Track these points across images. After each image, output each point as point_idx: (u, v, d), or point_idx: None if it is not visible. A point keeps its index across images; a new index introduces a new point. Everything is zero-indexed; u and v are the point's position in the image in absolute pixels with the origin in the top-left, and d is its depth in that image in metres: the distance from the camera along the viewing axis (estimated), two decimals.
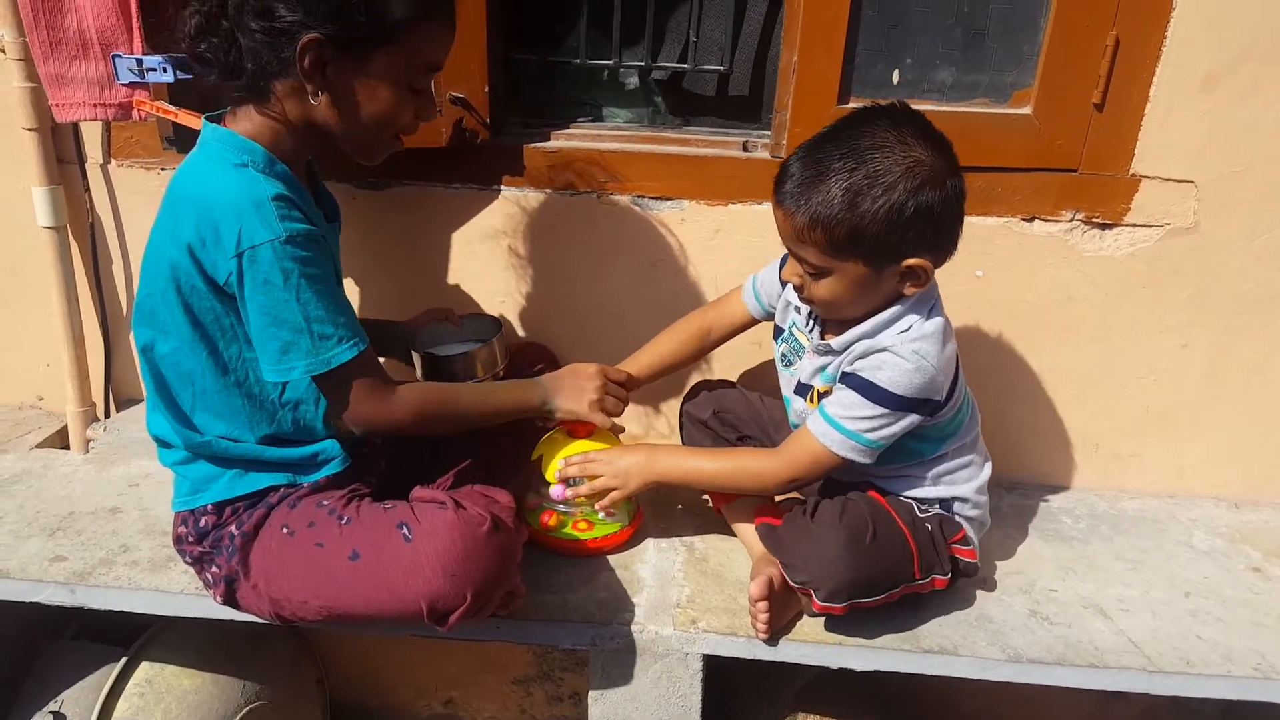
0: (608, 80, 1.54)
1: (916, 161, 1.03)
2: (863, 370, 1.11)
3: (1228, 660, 1.18)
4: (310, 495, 1.14)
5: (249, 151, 1.05)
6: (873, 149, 1.03)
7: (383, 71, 1.05)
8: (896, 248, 1.06)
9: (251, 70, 1.02)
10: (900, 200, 1.02)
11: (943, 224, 1.07)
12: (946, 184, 1.05)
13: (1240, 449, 1.55)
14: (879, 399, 1.10)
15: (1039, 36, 1.37)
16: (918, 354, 1.09)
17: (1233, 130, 1.36)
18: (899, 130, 1.05)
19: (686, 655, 1.19)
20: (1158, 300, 1.46)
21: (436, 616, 1.04)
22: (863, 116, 1.08)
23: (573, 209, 1.49)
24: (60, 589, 1.23)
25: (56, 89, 1.33)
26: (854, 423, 1.12)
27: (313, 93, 1.04)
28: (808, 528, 1.15)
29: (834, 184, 1.03)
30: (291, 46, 1.00)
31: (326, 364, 1.04)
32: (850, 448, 1.12)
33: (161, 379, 1.11)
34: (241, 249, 0.99)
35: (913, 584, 1.17)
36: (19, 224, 1.53)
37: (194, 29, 1.03)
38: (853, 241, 1.05)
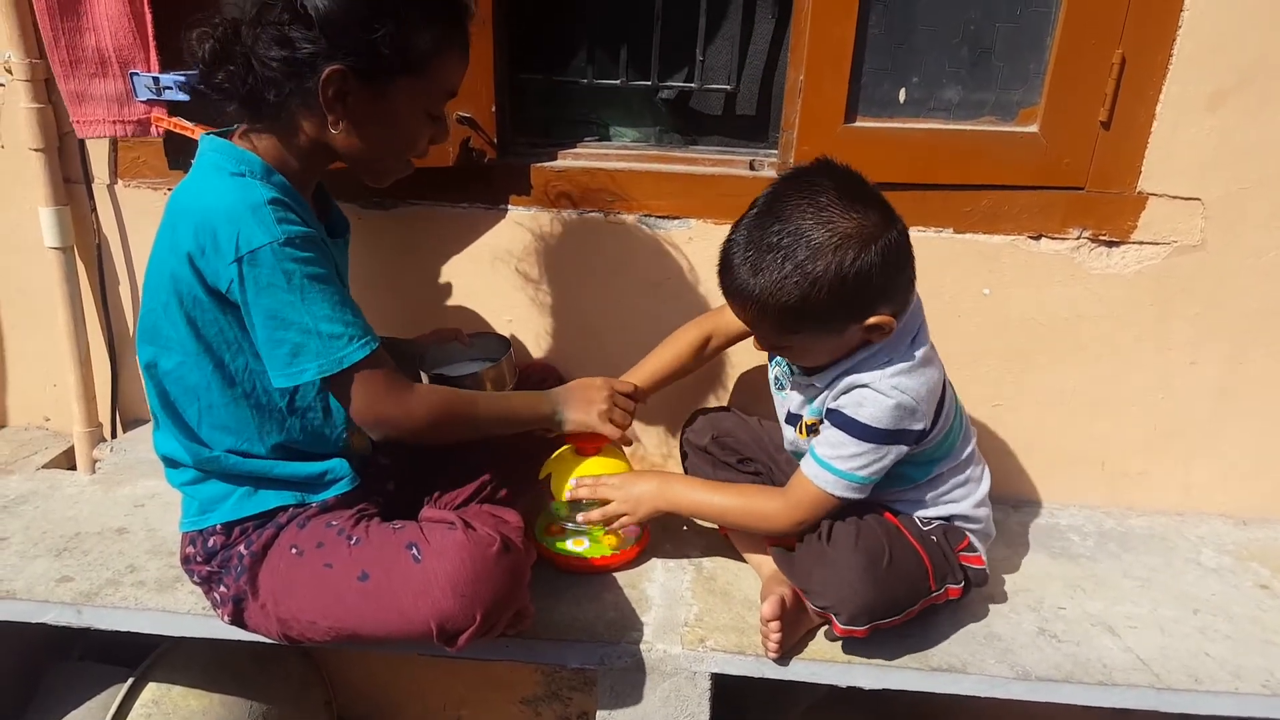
0: (614, 99, 1.54)
1: (843, 235, 1.04)
2: (845, 408, 1.13)
3: (1236, 677, 1.18)
4: (319, 515, 1.14)
5: (246, 162, 1.05)
6: (797, 235, 1.04)
7: (404, 100, 1.06)
8: (848, 312, 1.08)
9: (271, 100, 1.02)
10: (835, 276, 1.04)
11: (886, 279, 1.07)
12: (878, 242, 1.05)
13: (1248, 466, 1.55)
14: (863, 435, 1.12)
15: (1045, 55, 1.37)
16: (897, 389, 1.11)
17: (1239, 148, 1.36)
18: (818, 203, 1.05)
19: (695, 674, 1.19)
20: (1165, 318, 1.46)
21: (446, 637, 1.04)
22: (786, 190, 1.09)
23: (579, 228, 1.49)
24: (67, 609, 1.23)
25: (77, 106, 1.34)
26: (843, 462, 1.14)
27: (333, 122, 1.04)
28: (824, 553, 1.15)
29: (771, 270, 1.05)
30: (313, 77, 1.00)
31: (339, 364, 1.03)
32: (845, 487, 1.14)
33: (166, 396, 1.11)
34: (240, 253, 0.98)
35: (929, 596, 1.18)
36: (26, 245, 1.53)
37: (208, 55, 1.02)
38: (801, 320, 1.08)
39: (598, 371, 1.36)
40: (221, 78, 1.02)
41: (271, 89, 1.01)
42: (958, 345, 1.51)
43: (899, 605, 1.15)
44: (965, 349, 1.51)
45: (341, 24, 0.98)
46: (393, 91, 1.04)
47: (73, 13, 1.30)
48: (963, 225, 1.43)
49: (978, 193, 1.41)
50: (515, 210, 1.49)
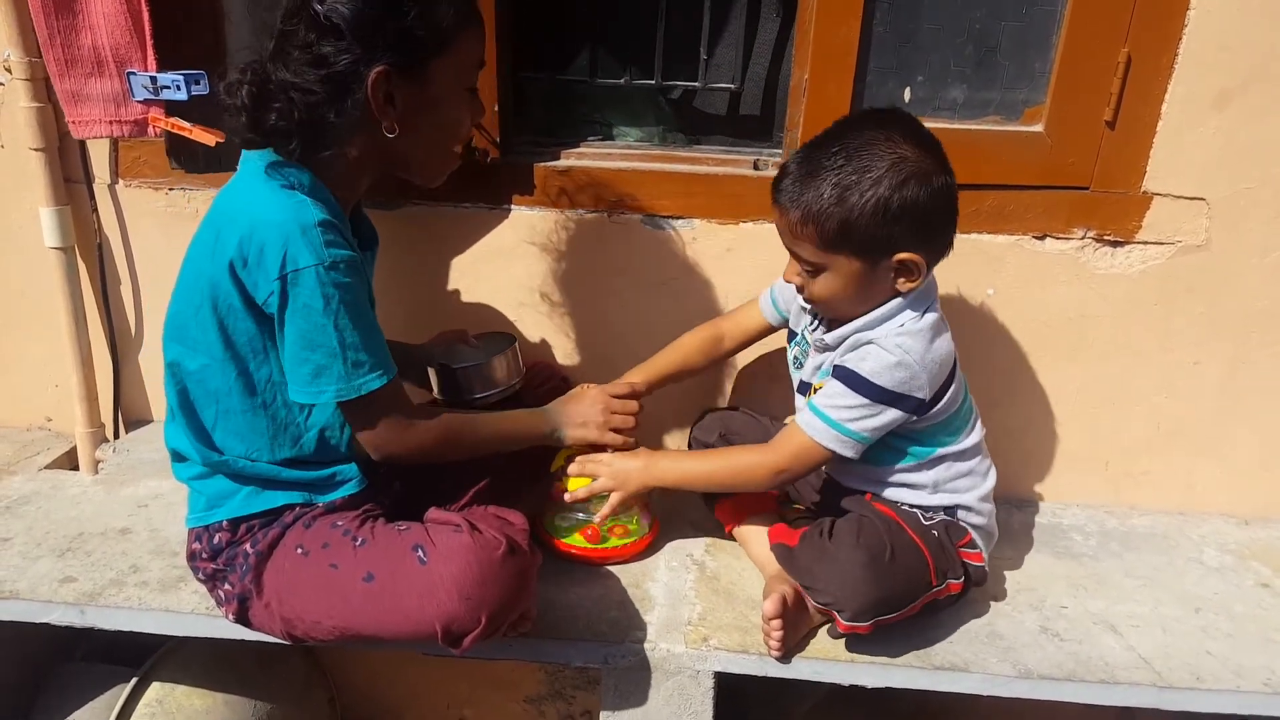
0: (618, 99, 1.53)
1: (902, 158, 1.08)
2: (848, 361, 1.15)
3: (1237, 675, 1.19)
4: (325, 515, 1.14)
5: (296, 176, 1.06)
6: (861, 147, 1.08)
7: (444, 82, 1.07)
8: (886, 242, 1.10)
9: (329, 124, 1.01)
10: (885, 194, 1.07)
11: (930, 219, 1.10)
12: (932, 180, 1.09)
13: (1251, 466, 1.55)
14: (859, 388, 1.13)
15: (1051, 54, 1.37)
16: (900, 347, 1.12)
17: (1244, 147, 1.36)
18: (887, 130, 1.10)
19: (698, 673, 1.19)
20: (1170, 317, 1.46)
21: (451, 639, 1.04)
22: (856, 120, 1.16)
23: (583, 228, 1.49)
24: (70, 610, 1.23)
25: (73, 106, 1.33)
26: (836, 412, 1.15)
27: (388, 127, 1.04)
28: (825, 549, 1.16)
29: (824, 181, 1.08)
30: (360, 87, 0.99)
31: (357, 390, 1.05)
32: (833, 438, 1.15)
33: (185, 394, 1.12)
34: (285, 271, 0.99)
35: (931, 591, 1.18)
36: (27, 245, 1.53)
37: (249, 100, 1.00)
38: (843, 235, 1.09)
39: (599, 372, 1.37)
40: (273, 119, 1.00)
41: (327, 112, 1.00)
42: (962, 345, 1.49)
43: (901, 600, 1.15)
44: (969, 349, 1.49)
45: (373, 22, 0.98)
46: (432, 77, 1.05)
47: (68, 11, 1.29)
48: (967, 225, 1.42)
49: (982, 192, 1.40)
50: (518, 210, 1.49)
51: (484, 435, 1.21)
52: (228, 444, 1.13)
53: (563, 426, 1.27)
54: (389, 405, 1.10)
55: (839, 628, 1.15)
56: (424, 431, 1.13)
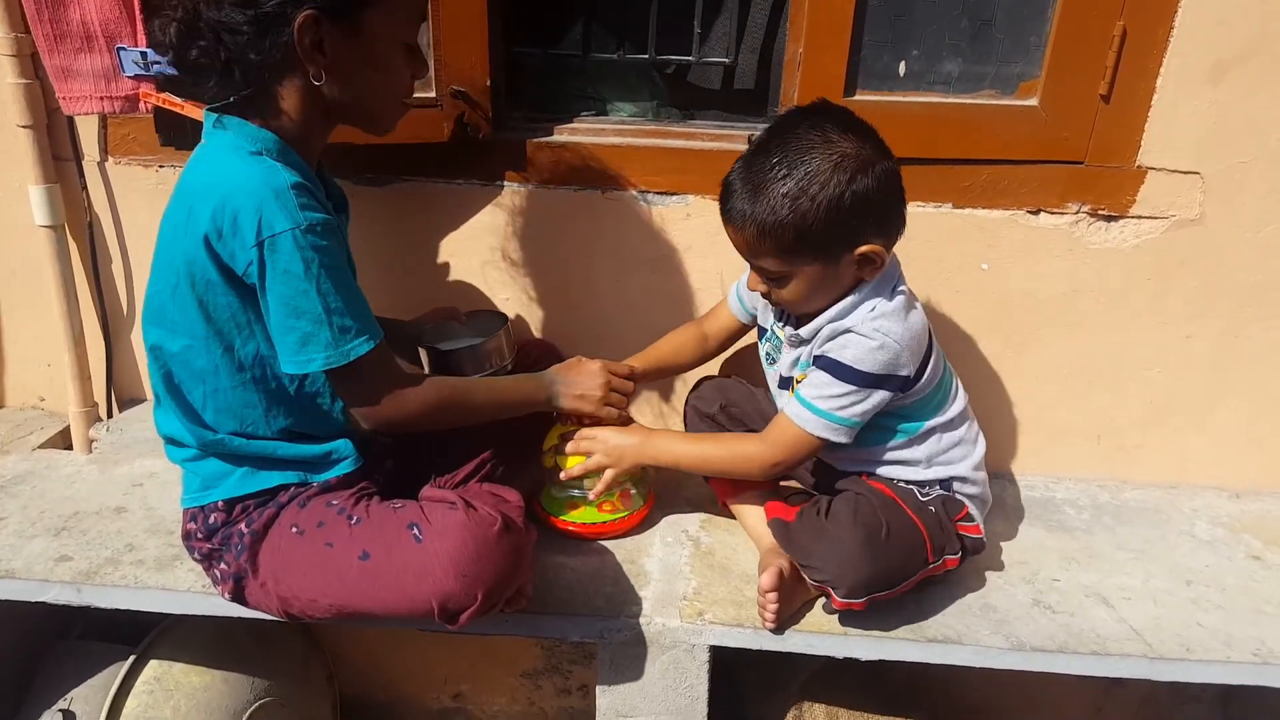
0: (611, 74, 1.52)
1: (843, 155, 1.08)
2: (830, 351, 1.16)
3: (1228, 646, 1.20)
4: (320, 495, 1.14)
5: (262, 140, 1.04)
6: (801, 153, 1.08)
7: (377, 33, 1.04)
8: (845, 239, 1.10)
9: (252, 64, 1.00)
10: (835, 194, 1.07)
11: (882, 207, 1.11)
12: (876, 168, 1.09)
13: (1242, 440, 1.56)
14: (845, 376, 1.14)
15: (1046, 27, 1.36)
16: (879, 331, 1.13)
17: (1239, 122, 1.36)
18: (820, 128, 1.09)
19: (693, 647, 1.20)
20: (1163, 292, 1.46)
21: (447, 616, 1.04)
22: (787, 122, 1.14)
23: (577, 204, 1.48)
24: (66, 589, 1.23)
25: (63, 82, 1.32)
26: (825, 402, 1.15)
27: (315, 74, 1.02)
28: (823, 528, 1.16)
29: (772, 193, 1.08)
30: (285, 30, 0.98)
31: (346, 356, 1.04)
32: (825, 427, 1.16)
33: (171, 378, 1.11)
34: (262, 237, 0.98)
35: (927, 568, 1.19)
36: (17, 224, 1.52)
37: (174, 37, 1.00)
38: (801, 242, 1.10)
39: (593, 348, 1.36)
40: (195, 55, 1.00)
41: (250, 52, 0.99)
42: (956, 320, 1.51)
43: (896, 578, 1.16)
44: (963, 323, 1.51)
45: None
46: (365, 26, 1.03)
47: None
48: (962, 200, 1.43)
49: (977, 167, 1.40)
50: (511, 186, 1.48)
51: (479, 402, 1.20)
52: (220, 421, 1.12)
53: (560, 395, 1.26)
54: (378, 371, 1.08)
55: (833, 604, 1.16)
56: (416, 397, 1.11)
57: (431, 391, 1.13)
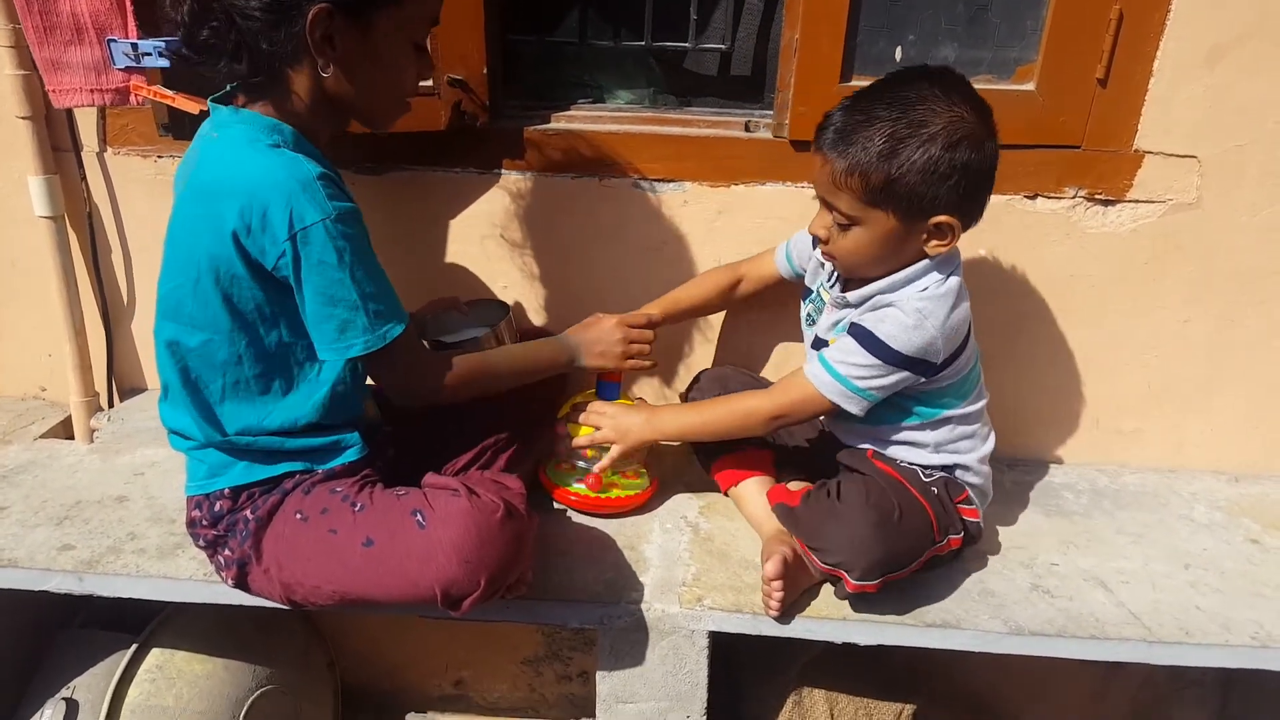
0: (608, 61, 1.52)
1: (959, 117, 1.06)
2: (866, 321, 1.15)
3: (1226, 630, 1.20)
4: (324, 482, 1.15)
5: (278, 131, 1.05)
6: (918, 102, 1.06)
7: (388, 32, 1.05)
8: (928, 202, 1.08)
9: (262, 52, 1.00)
10: (938, 154, 1.05)
11: (975, 184, 1.09)
12: (984, 145, 1.08)
13: (1240, 424, 1.56)
14: (874, 349, 1.13)
15: (1042, 11, 1.36)
16: (920, 312, 1.12)
17: (1236, 106, 1.36)
18: (944, 88, 1.07)
19: (693, 633, 1.21)
20: (1160, 276, 1.46)
21: (450, 602, 1.05)
22: (910, 74, 1.11)
23: (574, 192, 1.48)
24: (68, 577, 1.23)
25: (53, 75, 1.31)
26: (846, 368, 1.15)
27: (323, 65, 1.02)
28: (835, 509, 1.16)
29: (876, 131, 1.06)
30: (300, 20, 0.98)
31: (383, 339, 1.06)
32: (839, 392, 1.15)
33: (187, 372, 1.10)
34: (294, 231, 0.99)
35: (934, 547, 1.19)
36: (16, 215, 1.52)
37: (188, 15, 1.01)
38: (887, 190, 1.07)
39: None
40: (206, 35, 1.00)
41: (261, 40, 0.99)
42: None
43: (907, 558, 1.16)
44: None
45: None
46: (377, 24, 1.03)
47: None
48: None
49: None
50: (508, 174, 1.48)
51: (504, 369, 1.22)
52: (237, 414, 1.11)
53: (581, 354, 1.28)
54: (409, 350, 1.10)
55: (847, 587, 1.15)
56: (446, 373, 1.14)
57: (459, 365, 1.15)
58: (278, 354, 1.10)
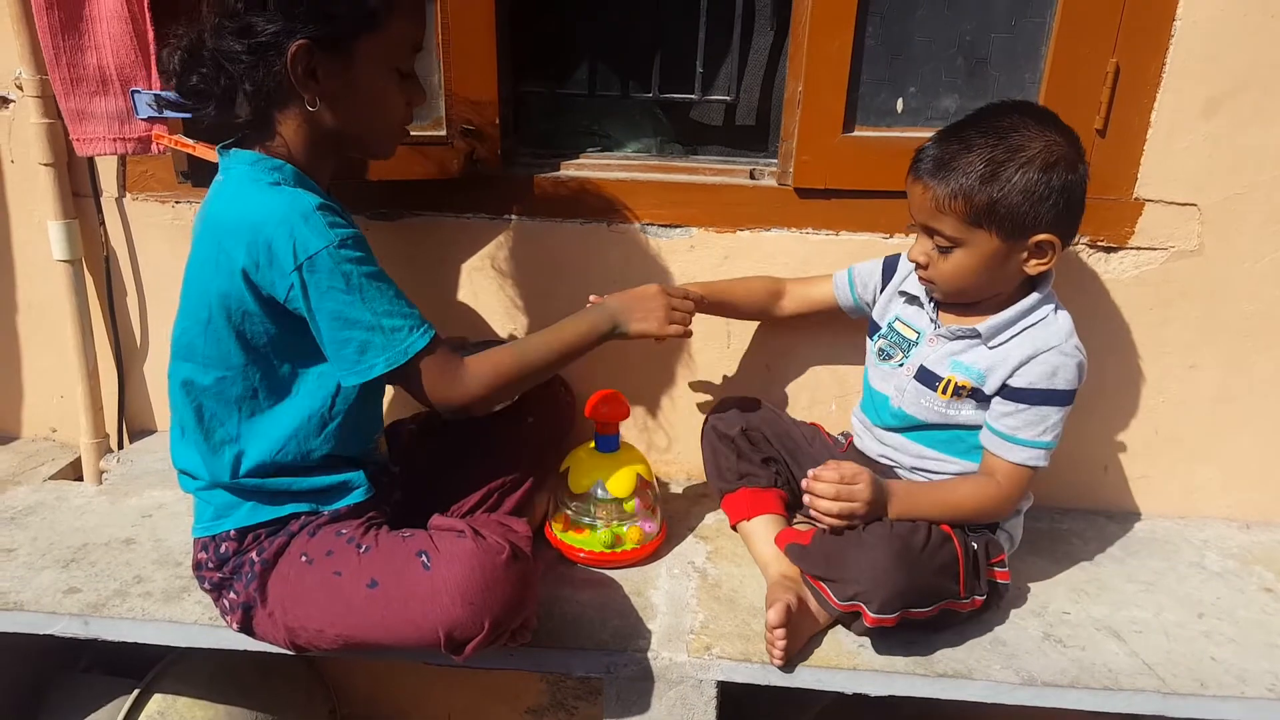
0: (616, 111, 1.56)
1: (1053, 142, 1.12)
2: (1038, 382, 1.18)
3: (1242, 681, 1.18)
4: (330, 524, 1.15)
5: (278, 170, 1.07)
6: (1011, 129, 1.12)
7: (369, 60, 1.06)
8: (1030, 221, 1.13)
9: (249, 93, 1.03)
10: (1037, 175, 1.11)
11: (1072, 203, 1.14)
12: (1078, 167, 1.14)
13: (1250, 469, 1.55)
14: (1062, 402, 1.19)
15: (1040, 64, 1.39)
16: (1079, 349, 1.20)
17: (1234, 154, 1.38)
18: (1035, 117, 1.14)
19: (701, 682, 1.19)
20: (1164, 322, 1.47)
21: (454, 645, 1.04)
22: (1000, 106, 1.18)
23: (583, 237, 1.50)
24: (74, 621, 1.23)
25: (78, 124, 1.35)
26: (1047, 434, 1.20)
27: (310, 101, 1.05)
28: (856, 537, 1.15)
29: (976, 156, 1.12)
30: (280, 59, 1.01)
31: (404, 354, 1.06)
32: (1045, 456, 1.21)
33: (201, 411, 1.12)
34: (299, 261, 1.01)
35: (955, 600, 1.18)
36: (35, 258, 1.55)
37: (178, 65, 1.04)
38: (990, 211, 1.12)
39: (601, 381, 1.38)
40: (195, 81, 1.04)
41: (246, 81, 1.02)
42: None
43: (930, 596, 1.15)
44: None
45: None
46: (358, 55, 1.05)
47: (74, 31, 1.30)
48: None
49: None
50: (519, 220, 1.51)
51: (541, 351, 1.18)
52: (252, 448, 1.12)
53: (625, 320, 1.24)
54: (440, 360, 1.09)
55: (866, 621, 1.13)
56: (479, 374, 1.12)
57: (491, 360, 1.14)
58: (291, 384, 1.12)
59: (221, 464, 1.12)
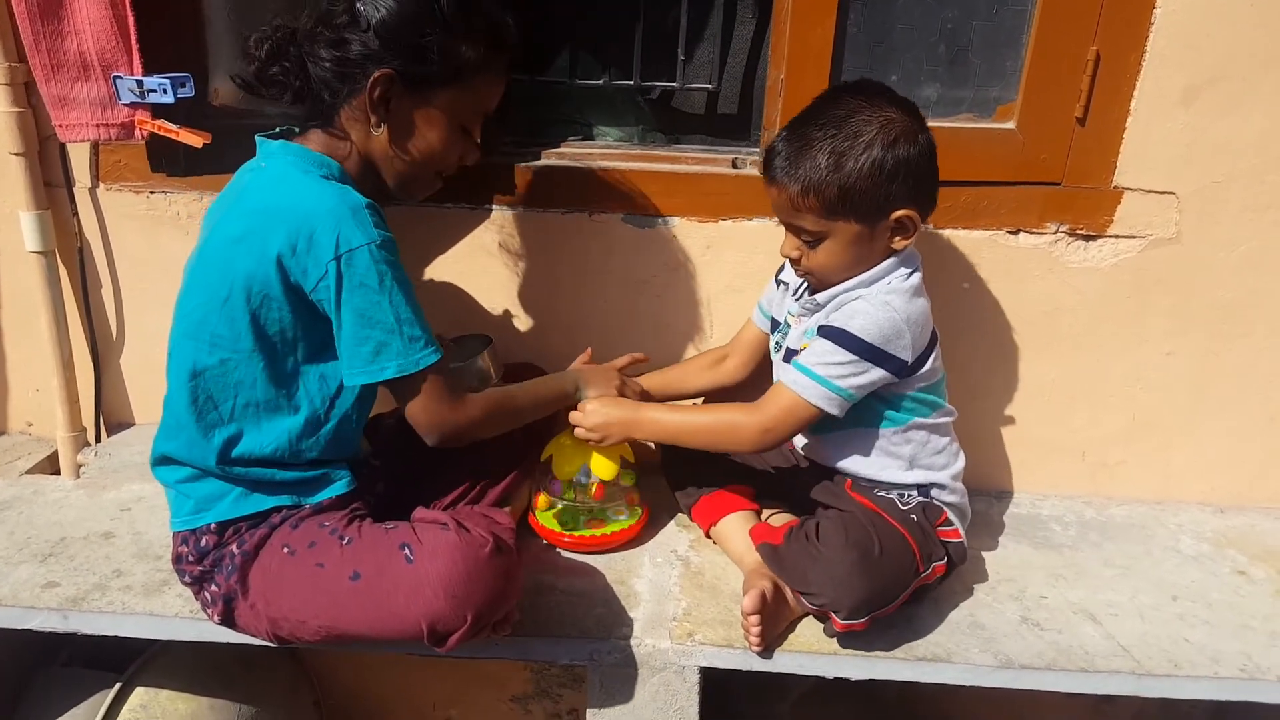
0: (598, 99, 1.55)
1: (889, 120, 1.13)
2: (836, 320, 1.18)
3: (1215, 662, 1.20)
4: (312, 516, 1.15)
5: (326, 166, 1.12)
6: (847, 116, 1.13)
7: (442, 110, 1.13)
8: (884, 201, 1.14)
9: (324, 99, 1.10)
10: (879, 155, 1.12)
11: (922, 174, 1.16)
12: (918, 138, 1.14)
13: (1225, 455, 1.57)
14: (848, 345, 1.16)
15: (1021, 52, 1.39)
16: (888, 305, 1.17)
17: (1212, 143, 1.39)
18: (866, 96, 1.15)
19: (684, 668, 1.20)
20: (1142, 310, 1.49)
21: (436, 638, 1.04)
22: (833, 93, 1.20)
23: (564, 227, 1.50)
24: (53, 615, 1.22)
25: (60, 110, 1.33)
26: (826, 369, 1.17)
27: (375, 123, 1.11)
28: (816, 552, 1.16)
29: (818, 151, 1.13)
30: (363, 78, 1.07)
31: (416, 365, 1.08)
32: (822, 395, 1.17)
33: (197, 391, 1.11)
34: (340, 252, 1.03)
35: (919, 578, 1.20)
36: (7, 249, 1.53)
37: (265, 54, 1.10)
38: (844, 200, 1.14)
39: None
40: (275, 71, 1.10)
41: (325, 88, 1.09)
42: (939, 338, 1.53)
43: (894, 592, 1.17)
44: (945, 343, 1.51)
45: (395, 28, 1.06)
46: (434, 101, 1.12)
47: (54, 16, 1.29)
48: (942, 221, 1.45)
49: (957, 189, 1.42)
50: (499, 210, 1.50)
51: (522, 403, 1.26)
52: (242, 437, 1.12)
53: (584, 387, 1.33)
54: (441, 383, 1.12)
55: (835, 627, 1.16)
56: (472, 406, 1.16)
57: (483, 401, 1.19)
58: (291, 381, 1.13)
59: (209, 447, 1.12)
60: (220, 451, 1.12)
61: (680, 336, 1.55)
